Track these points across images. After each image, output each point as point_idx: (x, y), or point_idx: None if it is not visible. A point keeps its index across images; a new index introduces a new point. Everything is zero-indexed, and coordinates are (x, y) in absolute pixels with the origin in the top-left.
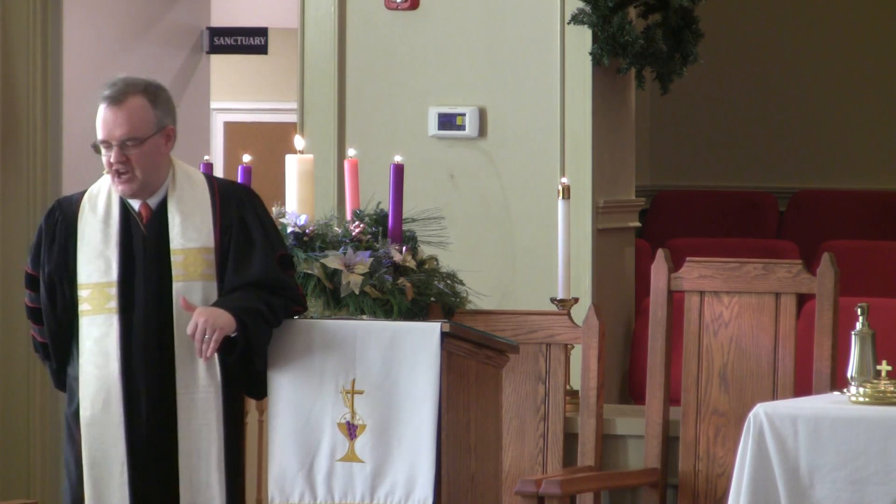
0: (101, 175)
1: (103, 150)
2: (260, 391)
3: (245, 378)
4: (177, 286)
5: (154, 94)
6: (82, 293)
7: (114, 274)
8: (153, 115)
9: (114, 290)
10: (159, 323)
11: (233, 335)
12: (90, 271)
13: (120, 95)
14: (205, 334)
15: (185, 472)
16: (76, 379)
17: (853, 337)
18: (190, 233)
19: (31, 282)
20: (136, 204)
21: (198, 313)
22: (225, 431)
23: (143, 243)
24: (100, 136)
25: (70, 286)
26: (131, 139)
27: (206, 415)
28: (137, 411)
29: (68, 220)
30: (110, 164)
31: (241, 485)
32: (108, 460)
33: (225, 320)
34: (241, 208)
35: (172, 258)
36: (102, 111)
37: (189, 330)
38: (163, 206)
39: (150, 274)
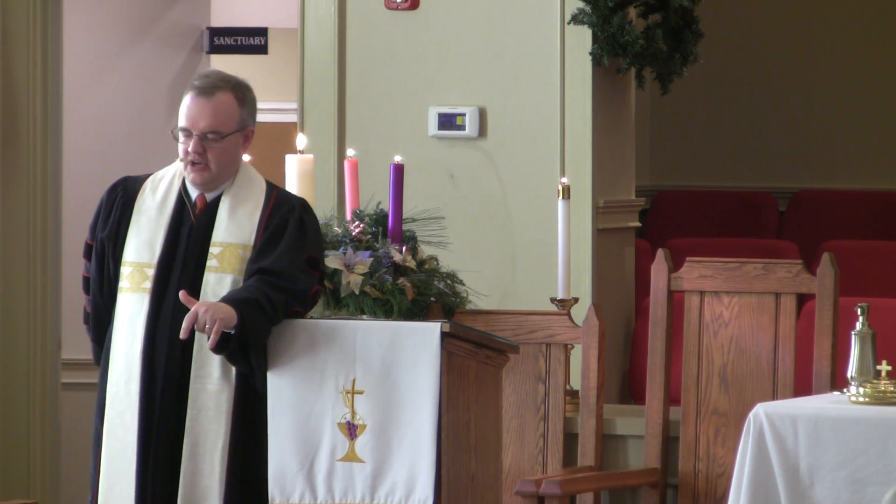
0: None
1: (182, 138)
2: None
3: (252, 376)
4: (208, 276)
5: (242, 94)
6: (124, 270)
7: (156, 256)
8: (238, 114)
9: (152, 272)
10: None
11: (231, 331)
12: (136, 250)
13: (210, 88)
14: (205, 324)
15: (187, 459)
16: (105, 364)
17: (853, 337)
18: (233, 228)
19: (88, 251)
20: (193, 194)
21: (199, 304)
22: (233, 426)
23: (190, 232)
24: (182, 123)
25: (115, 262)
26: (213, 132)
27: (217, 407)
28: (152, 393)
29: (128, 196)
30: (186, 153)
31: (250, 483)
32: (123, 440)
33: (225, 311)
34: (289, 213)
35: (210, 249)
36: (189, 100)
37: (189, 318)
38: (217, 200)
39: (188, 262)
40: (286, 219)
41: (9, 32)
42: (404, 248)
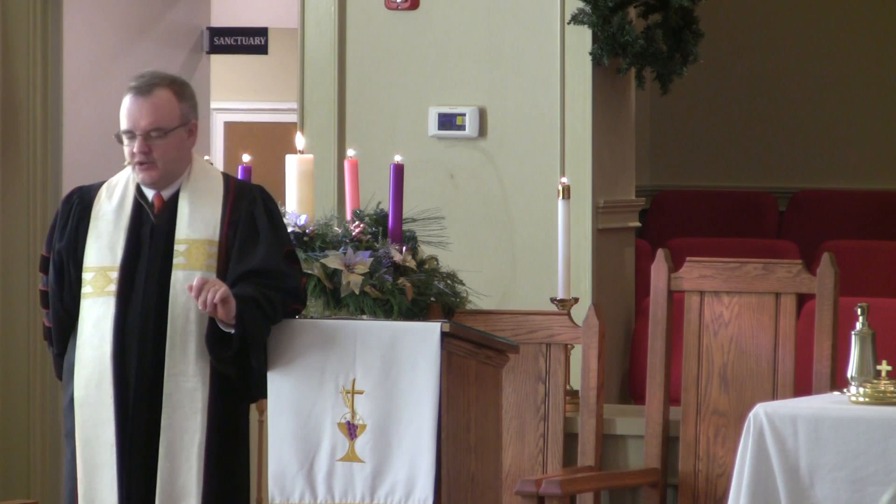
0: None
1: (126, 140)
2: (254, 393)
3: (240, 377)
4: (176, 274)
5: (180, 88)
6: (86, 276)
7: (118, 258)
8: (178, 108)
9: (115, 275)
10: (156, 309)
11: (230, 330)
12: (97, 255)
13: (147, 87)
14: (212, 288)
15: (164, 458)
16: (70, 369)
17: (853, 337)
18: (197, 224)
19: (45, 264)
20: (150, 194)
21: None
22: (209, 423)
23: (152, 231)
24: (124, 125)
25: (76, 269)
26: (156, 130)
27: (192, 404)
28: (125, 393)
29: (84, 204)
30: (132, 154)
31: (230, 481)
32: (99, 442)
33: (229, 292)
34: (252, 204)
35: (176, 247)
36: (128, 101)
37: (196, 283)
38: (176, 197)
39: (153, 261)
40: (251, 212)
41: (9, 32)
42: (404, 248)
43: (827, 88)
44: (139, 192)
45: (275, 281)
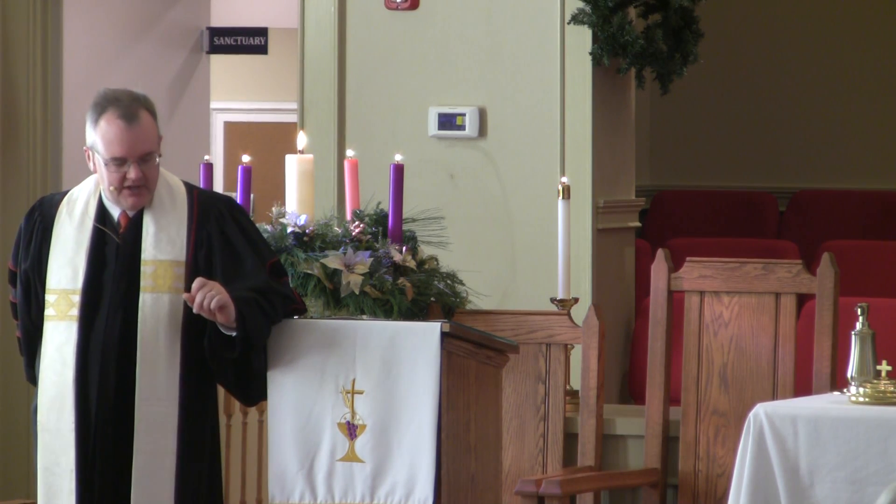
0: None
1: (112, 168)
2: (254, 396)
3: (239, 381)
4: (144, 297)
5: (151, 107)
6: (49, 298)
7: (79, 281)
8: (156, 129)
9: (77, 298)
10: (122, 332)
11: (232, 333)
12: (59, 277)
13: (133, 112)
14: (208, 294)
15: (138, 481)
16: (38, 384)
17: (853, 337)
18: (163, 245)
19: (12, 278)
20: (115, 212)
21: (206, 281)
22: (180, 447)
23: (116, 251)
24: (116, 153)
25: (42, 288)
26: (148, 154)
27: (164, 427)
28: (87, 420)
29: (46, 221)
30: (122, 180)
31: (203, 499)
32: (59, 468)
33: (228, 302)
34: (220, 221)
35: (143, 269)
36: (116, 129)
37: (195, 284)
38: (141, 214)
39: (118, 283)
40: (223, 231)
41: (9, 32)
42: (404, 248)
43: (827, 88)
44: (101, 211)
45: (270, 295)
